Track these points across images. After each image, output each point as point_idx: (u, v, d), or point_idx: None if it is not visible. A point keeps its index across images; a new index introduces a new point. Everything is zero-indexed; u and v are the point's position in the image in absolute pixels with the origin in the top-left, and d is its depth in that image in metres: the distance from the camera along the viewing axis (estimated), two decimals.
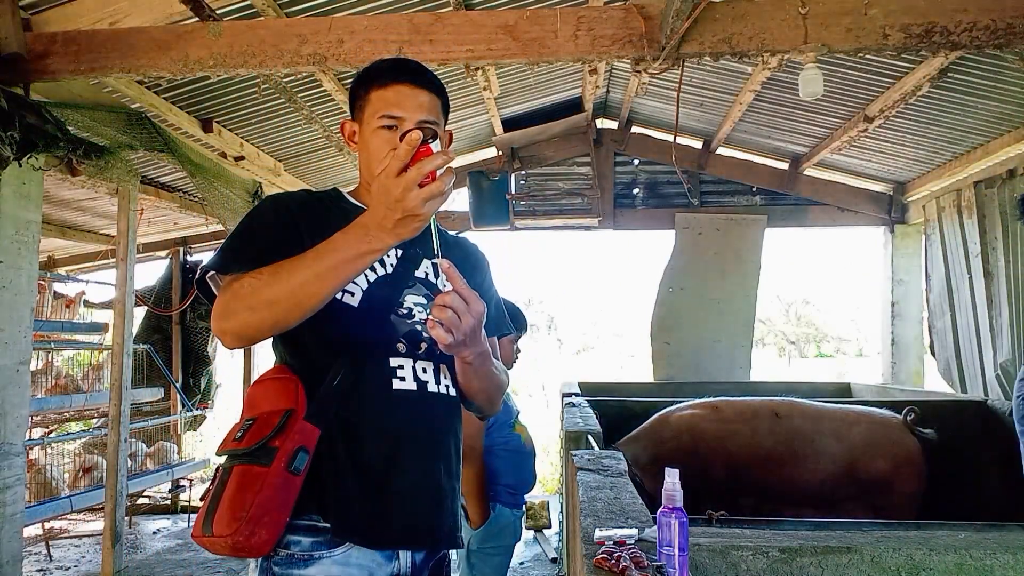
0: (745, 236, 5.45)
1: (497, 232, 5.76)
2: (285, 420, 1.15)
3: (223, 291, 1.15)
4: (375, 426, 1.23)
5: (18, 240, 2.80)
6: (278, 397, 1.19)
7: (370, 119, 1.28)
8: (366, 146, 1.30)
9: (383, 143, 1.26)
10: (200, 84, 3.57)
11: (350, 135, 1.35)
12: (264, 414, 1.17)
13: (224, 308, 1.12)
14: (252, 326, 1.10)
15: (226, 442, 1.18)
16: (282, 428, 1.13)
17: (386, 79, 1.28)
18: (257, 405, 1.21)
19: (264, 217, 1.25)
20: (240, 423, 1.20)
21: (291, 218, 1.24)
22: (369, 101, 1.28)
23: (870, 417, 3.02)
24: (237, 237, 1.23)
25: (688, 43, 2.51)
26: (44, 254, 6.04)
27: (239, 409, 1.29)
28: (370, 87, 1.29)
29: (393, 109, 1.26)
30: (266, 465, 1.11)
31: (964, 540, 1.29)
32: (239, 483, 1.10)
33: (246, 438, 1.15)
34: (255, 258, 1.14)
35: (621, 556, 1.09)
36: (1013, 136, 3.83)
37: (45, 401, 4.57)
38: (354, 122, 1.34)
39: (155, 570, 4.49)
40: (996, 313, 3.95)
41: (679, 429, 3.16)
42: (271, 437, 1.13)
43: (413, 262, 1.33)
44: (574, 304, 41.06)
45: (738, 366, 5.42)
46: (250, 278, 1.10)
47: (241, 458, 1.13)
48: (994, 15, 2.41)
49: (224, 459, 1.17)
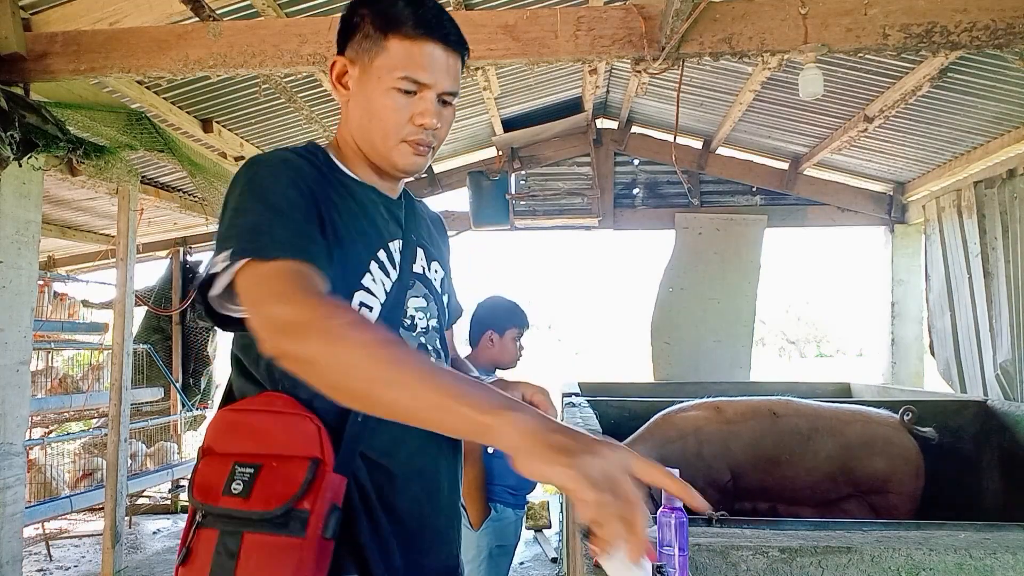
0: (745, 236, 5.45)
1: (497, 232, 5.76)
2: (313, 475, 0.91)
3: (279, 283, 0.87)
4: (409, 464, 1.05)
5: (18, 240, 2.80)
6: (293, 440, 0.94)
7: (384, 73, 1.04)
8: (368, 102, 1.06)
9: (395, 110, 1.04)
10: (200, 84, 3.57)
11: (340, 76, 1.09)
12: (275, 460, 0.93)
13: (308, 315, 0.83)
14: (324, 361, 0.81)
15: (210, 491, 0.92)
16: (311, 485, 0.91)
17: (415, 30, 1.03)
18: (258, 444, 0.95)
19: (285, 189, 0.98)
20: (225, 465, 0.93)
21: (311, 193, 1.00)
22: (386, 50, 1.03)
23: (866, 416, 3.03)
24: (264, 212, 0.94)
25: (688, 43, 2.51)
26: (44, 254, 6.04)
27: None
28: (390, 31, 1.03)
29: (420, 73, 1.03)
30: (299, 535, 0.89)
31: (964, 540, 1.29)
32: (264, 559, 0.88)
33: (255, 495, 0.90)
34: (299, 245, 0.92)
35: None
36: (1013, 136, 3.83)
37: (45, 401, 4.58)
38: (352, 63, 1.07)
39: (155, 570, 4.49)
40: (996, 313, 3.95)
41: (683, 431, 3.16)
42: (299, 497, 0.90)
43: (413, 255, 1.14)
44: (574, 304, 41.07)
45: (738, 366, 5.42)
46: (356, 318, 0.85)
47: (257, 524, 0.89)
48: (994, 15, 2.41)
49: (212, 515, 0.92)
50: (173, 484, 5.89)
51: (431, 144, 1.09)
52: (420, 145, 1.08)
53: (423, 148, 1.08)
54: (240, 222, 0.95)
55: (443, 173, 5.87)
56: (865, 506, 2.86)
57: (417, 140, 1.07)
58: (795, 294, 34.89)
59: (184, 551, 0.93)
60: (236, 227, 0.94)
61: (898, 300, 5.33)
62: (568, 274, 56.62)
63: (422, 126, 1.06)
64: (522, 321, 2.69)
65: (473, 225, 5.51)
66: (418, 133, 1.07)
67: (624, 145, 5.62)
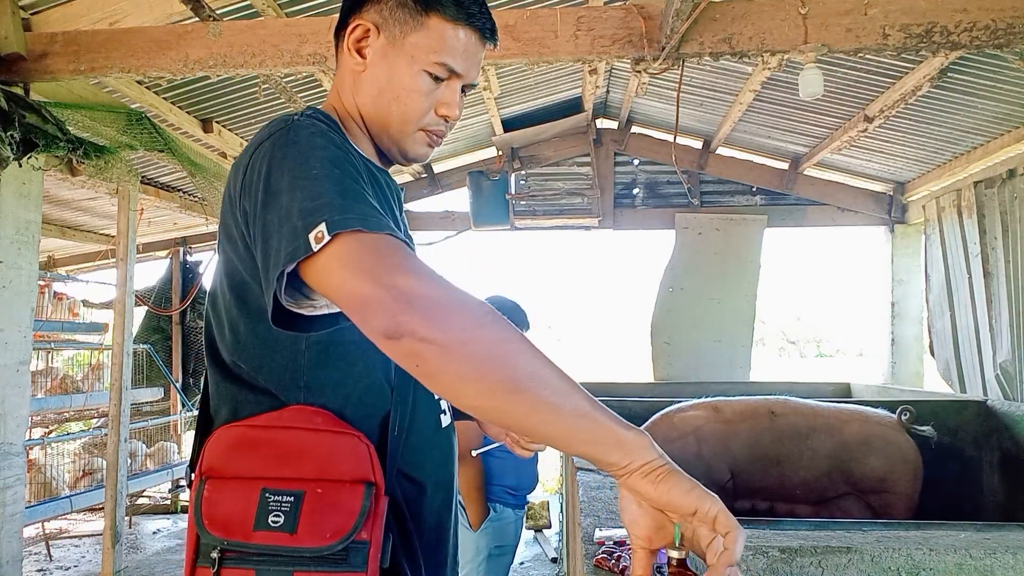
0: (745, 236, 5.45)
1: (497, 232, 5.76)
2: (370, 501, 0.82)
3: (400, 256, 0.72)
4: (435, 476, 0.99)
5: (18, 240, 2.80)
6: (340, 461, 0.84)
7: (419, 52, 0.93)
8: (392, 80, 0.95)
9: (423, 94, 0.95)
10: (200, 84, 3.57)
11: (359, 42, 0.96)
12: (320, 486, 0.82)
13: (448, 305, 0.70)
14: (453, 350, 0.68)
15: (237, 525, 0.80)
16: (368, 512, 0.81)
17: (460, 13, 0.94)
18: (292, 466, 0.83)
19: (355, 166, 0.84)
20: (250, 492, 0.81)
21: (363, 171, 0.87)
22: (426, 27, 0.93)
23: (864, 416, 3.03)
24: (346, 181, 0.79)
25: (688, 43, 2.51)
26: (44, 254, 6.04)
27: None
28: (431, 8, 0.93)
29: (457, 61, 0.95)
30: (361, 571, 0.79)
31: (964, 540, 1.29)
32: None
33: (303, 527, 0.79)
34: (390, 225, 0.77)
35: (621, 556, 1.09)
36: (1013, 136, 3.83)
37: (45, 401, 4.58)
38: (376, 29, 0.95)
39: (155, 570, 4.49)
40: (996, 313, 3.95)
41: (683, 431, 3.16)
42: (358, 528, 0.80)
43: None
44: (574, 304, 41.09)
45: (738, 366, 5.42)
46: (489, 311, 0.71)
47: (311, 563, 0.78)
48: (994, 15, 2.41)
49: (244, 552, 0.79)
50: (173, 484, 5.89)
51: (445, 135, 1.02)
52: (436, 136, 1.01)
53: (437, 139, 1.01)
54: (324, 190, 0.76)
55: (443, 173, 5.87)
56: (862, 505, 2.87)
57: (435, 131, 1.00)
58: (795, 294, 34.92)
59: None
60: (322, 196, 0.76)
61: (898, 300, 5.33)
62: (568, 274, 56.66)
63: (445, 117, 0.99)
64: (526, 323, 2.70)
65: (473, 225, 5.51)
66: (439, 124, 0.99)
67: (624, 145, 5.62)
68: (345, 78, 1.00)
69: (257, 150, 0.87)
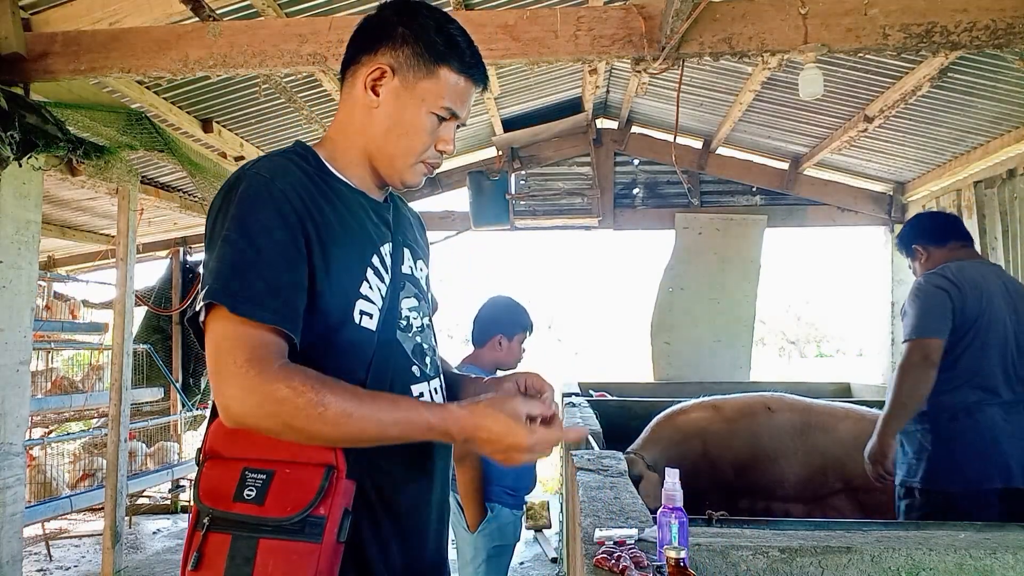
0: (745, 236, 5.45)
1: (497, 232, 5.76)
2: (328, 481, 0.94)
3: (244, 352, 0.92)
4: (408, 467, 1.08)
5: (18, 240, 2.80)
6: (306, 447, 0.96)
7: (428, 96, 1.09)
8: (402, 118, 1.10)
9: (428, 132, 1.11)
10: (200, 84, 3.57)
11: (375, 83, 1.10)
12: (288, 467, 0.95)
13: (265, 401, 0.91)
14: (294, 438, 0.94)
15: (220, 497, 0.93)
16: (326, 491, 0.94)
17: (462, 66, 1.10)
18: (270, 450, 0.96)
19: (271, 223, 0.98)
20: (234, 470, 0.95)
21: (298, 220, 1.00)
22: (436, 76, 1.09)
23: (859, 414, 3.05)
24: (243, 260, 0.96)
25: (688, 43, 2.51)
26: (44, 254, 6.04)
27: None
28: (441, 61, 1.09)
29: (458, 105, 1.12)
30: (316, 541, 0.91)
31: (964, 540, 1.29)
32: (281, 565, 0.90)
33: (270, 501, 0.92)
34: (276, 304, 0.94)
35: (621, 556, 1.09)
36: (1013, 136, 3.83)
37: (45, 401, 4.58)
38: (392, 72, 1.09)
39: (155, 570, 4.50)
40: None
41: (687, 433, 3.18)
42: (315, 504, 0.92)
43: (401, 256, 1.15)
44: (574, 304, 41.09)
45: (738, 366, 5.42)
46: (313, 394, 0.91)
47: (274, 531, 0.91)
48: (994, 15, 2.41)
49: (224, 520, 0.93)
50: (173, 484, 5.89)
51: (439, 166, 1.20)
52: (433, 167, 1.17)
53: (433, 170, 1.18)
54: (223, 257, 0.96)
55: (443, 173, 5.87)
56: (855, 502, 2.88)
57: (433, 163, 1.16)
58: (795, 294, 34.91)
59: (195, 556, 0.93)
60: (218, 263, 0.96)
61: (898, 300, 5.33)
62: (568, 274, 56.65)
63: (442, 152, 1.15)
64: (530, 325, 2.71)
65: (473, 225, 5.51)
66: (437, 157, 1.15)
67: (624, 145, 5.62)
68: (354, 112, 1.13)
69: (223, 188, 1.05)
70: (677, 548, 0.97)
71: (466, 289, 29.89)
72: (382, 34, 1.11)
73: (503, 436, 0.97)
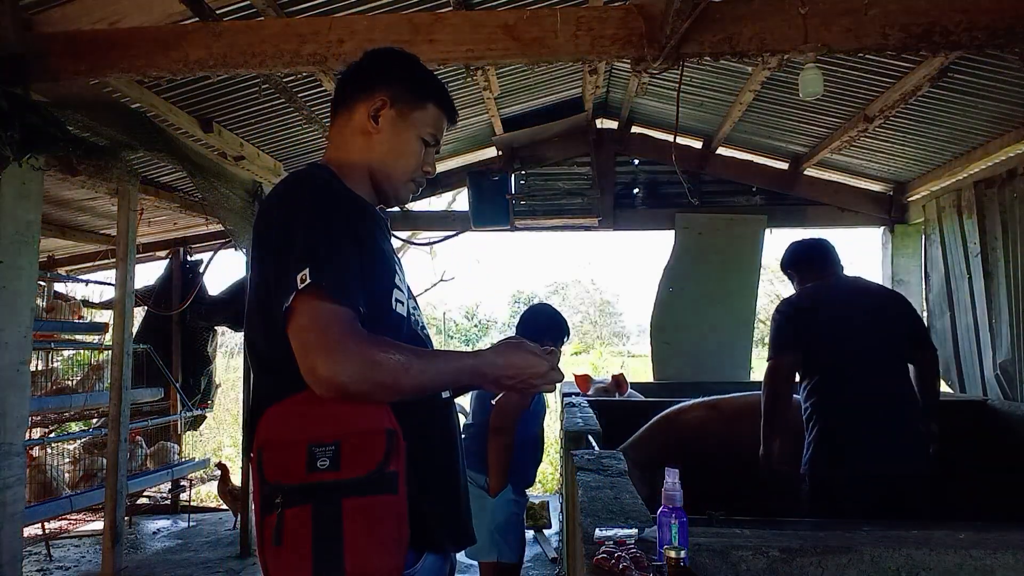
0: (745, 236, 5.45)
1: (497, 232, 5.76)
2: (393, 441, 1.05)
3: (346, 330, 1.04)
4: (442, 436, 1.27)
5: (18, 240, 2.80)
6: (366, 418, 1.06)
7: (421, 126, 1.33)
8: (399, 142, 1.31)
9: (417, 154, 1.34)
10: (200, 84, 3.56)
11: (377, 112, 1.29)
12: (352, 438, 1.04)
13: (373, 368, 1.03)
14: (385, 398, 1.06)
15: (292, 472, 1.01)
16: (393, 449, 1.04)
17: (444, 106, 1.37)
18: (330, 428, 1.04)
19: (351, 222, 1.16)
20: (298, 450, 1.02)
21: (356, 215, 1.20)
22: (425, 109, 1.33)
23: None
24: (336, 244, 1.11)
25: (688, 43, 2.51)
26: (44, 254, 6.04)
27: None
28: (429, 98, 1.34)
29: (439, 134, 1.37)
30: (394, 492, 1.02)
31: (964, 540, 1.29)
32: (368, 519, 0.99)
33: (345, 465, 1.01)
34: (358, 289, 1.09)
35: (621, 556, 1.09)
36: (1013, 136, 3.83)
37: (45, 401, 4.57)
38: (391, 104, 1.30)
39: (155, 570, 4.49)
40: (995, 313, 3.95)
41: (687, 432, 3.18)
42: (387, 461, 1.03)
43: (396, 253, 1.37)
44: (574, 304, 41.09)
45: (738, 366, 5.42)
46: (397, 355, 1.06)
47: (355, 489, 1.00)
48: (994, 15, 2.41)
49: (300, 492, 1.00)
50: (173, 484, 5.89)
51: (424, 186, 1.43)
52: (420, 185, 1.39)
53: (420, 188, 1.41)
54: (307, 246, 1.08)
55: (443, 173, 5.86)
56: None
57: (420, 182, 1.38)
58: None
59: (274, 534, 0.98)
60: (303, 251, 1.08)
61: None
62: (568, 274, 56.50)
63: (427, 172, 1.38)
64: (568, 331, 3.01)
65: (473, 225, 5.51)
66: (423, 177, 1.38)
67: (624, 145, 5.62)
68: (354, 139, 1.32)
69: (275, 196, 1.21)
70: (677, 548, 0.97)
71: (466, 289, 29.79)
72: (376, 75, 1.32)
73: (526, 367, 1.19)
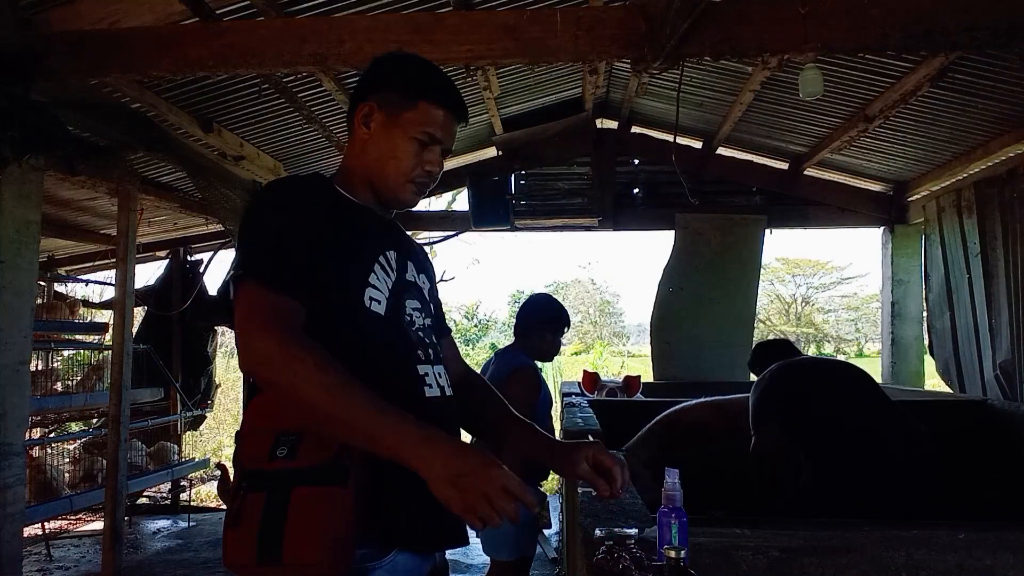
0: (745, 236, 5.45)
1: (497, 232, 5.76)
2: None
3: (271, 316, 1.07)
4: None
5: (18, 240, 2.80)
6: None
7: (410, 125, 1.28)
8: (390, 144, 1.29)
9: (412, 154, 1.30)
10: (200, 84, 3.56)
11: (365, 118, 1.31)
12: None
13: (281, 355, 1.03)
14: (287, 392, 1.04)
15: (257, 459, 1.07)
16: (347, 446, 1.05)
17: (439, 99, 1.31)
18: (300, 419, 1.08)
19: (307, 218, 1.18)
20: (268, 437, 1.08)
21: (315, 210, 1.21)
22: (416, 108, 1.28)
23: None
24: (282, 236, 1.14)
25: (688, 43, 2.51)
26: (44, 254, 6.03)
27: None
28: (420, 96, 1.29)
29: (437, 131, 1.31)
30: (343, 485, 1.03)
31: (964, 540, 1.29)
32: (312, 509, 1.01)
33: (300, 454, 1.05)
34: (299, 280, 1.11)
35: (621, 556, 1.09)
36: (1013, 136, 3.83)
37: (45, 401, 4.57)
38: (378, 108, 1.30)
39: (155, 570, 4.49)
40: (995, 313, 3.94)
41: (687, 432, 3.17)
42: (340, 454, 1.05)
43: (405, 266, 1.33)
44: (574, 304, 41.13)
45: (738, 366, 5.41)
46: (319, 361, 1.02)
47: (305, 478, 1.03)
48: (994, 15, 2.41)
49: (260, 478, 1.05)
50: (173, 484, 5.89)
51: (429, 185, 1.37)
52: (422, 186, 1.34)
53: (423, 188, 1.36)
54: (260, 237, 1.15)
55: (443, 173, 5.84)
56: None
57: (421, 182, 1.33)
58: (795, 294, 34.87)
59: (233, 515, 1.04)
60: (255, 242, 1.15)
61: (898, 300, 5.33)
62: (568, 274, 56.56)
63: (429, 172, 1.33)
64: (569, 322, 3.07)
65: (473, 225, 5.51)
66: (424, 176, 1.33)
67: (624, 145, 5.62)
68: (355, 145, 1.34)
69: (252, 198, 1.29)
70: (677, 548, 0.97)
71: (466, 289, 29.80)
72: (369, 81, 1.34)
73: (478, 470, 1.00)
